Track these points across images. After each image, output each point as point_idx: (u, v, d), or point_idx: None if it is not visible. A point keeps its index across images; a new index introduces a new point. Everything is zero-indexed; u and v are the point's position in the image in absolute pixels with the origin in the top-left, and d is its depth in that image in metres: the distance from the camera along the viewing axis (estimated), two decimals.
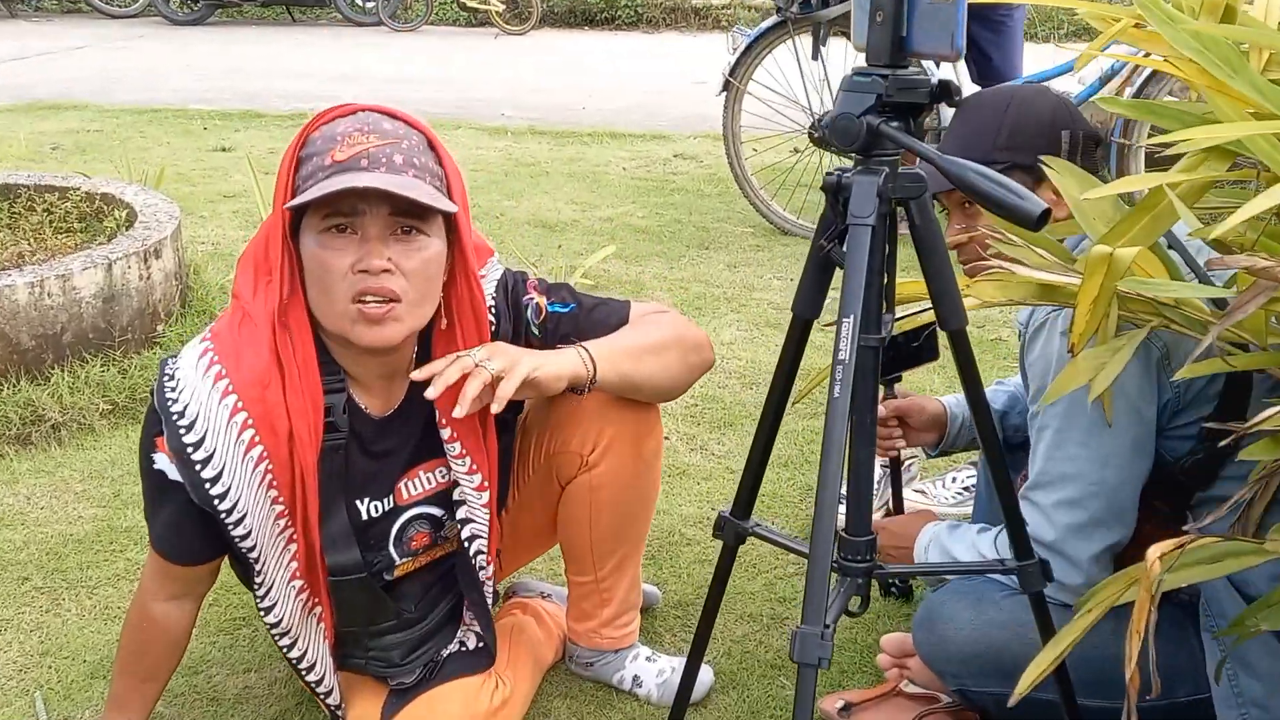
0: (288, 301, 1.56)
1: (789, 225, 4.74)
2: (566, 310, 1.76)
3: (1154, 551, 1.42)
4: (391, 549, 1.74)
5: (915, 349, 1.94)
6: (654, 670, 2.00)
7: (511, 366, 1.56)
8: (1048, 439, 1.69)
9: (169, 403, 1.57)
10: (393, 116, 1.56)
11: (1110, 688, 1.60)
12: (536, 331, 1.75)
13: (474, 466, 1.71)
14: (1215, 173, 1.50)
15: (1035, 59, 4.63)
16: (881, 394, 2.08)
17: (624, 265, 4.35)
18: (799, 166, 4.86)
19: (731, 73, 4.62)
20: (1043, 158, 1.64)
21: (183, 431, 1.55)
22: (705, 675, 1.99)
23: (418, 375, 1.58)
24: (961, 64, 4.51)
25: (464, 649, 1.85)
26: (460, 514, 1.75)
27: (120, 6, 12.84)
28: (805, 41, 4.49)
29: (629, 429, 1.80)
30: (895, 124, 1.35)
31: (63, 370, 2.90)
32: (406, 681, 1.81)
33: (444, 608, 1.86)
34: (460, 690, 1.79)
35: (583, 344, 1.68)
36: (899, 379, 2.09)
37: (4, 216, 3.48)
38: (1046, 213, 1.24)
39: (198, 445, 1.55)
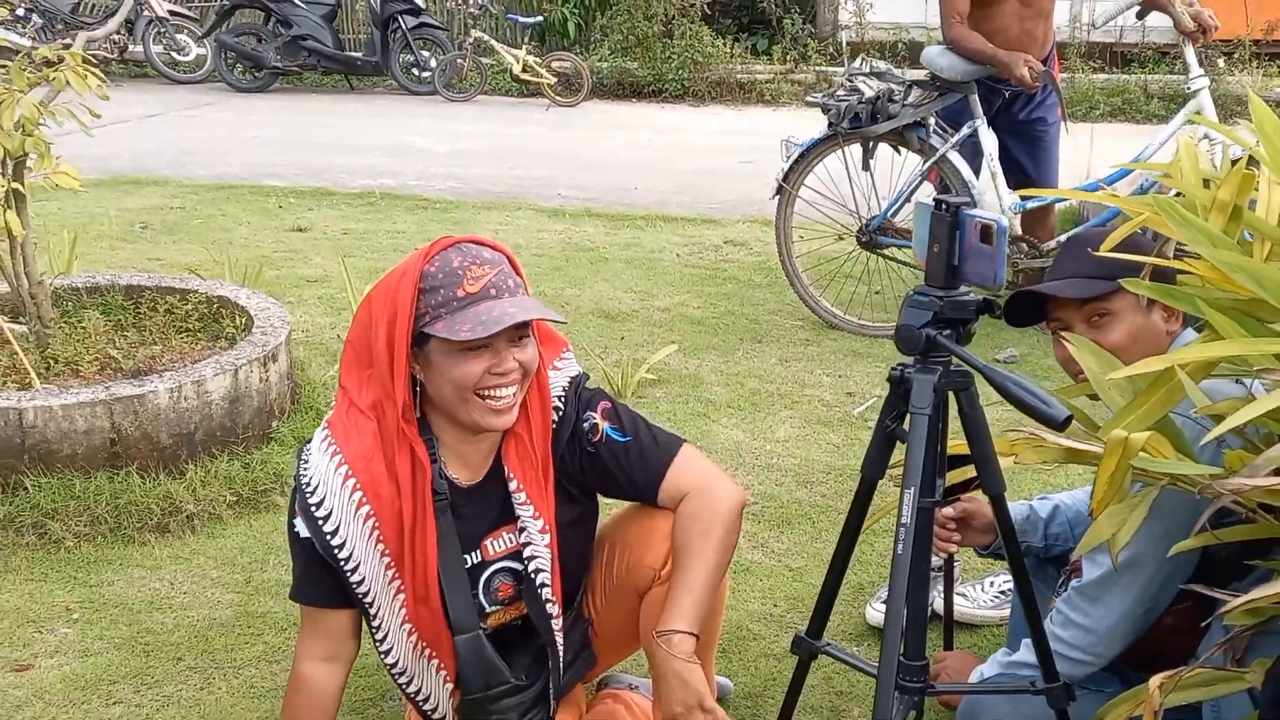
0: (407, 402, 1.95)
1: (836, 320, 5.07)
2: (621, 441, 2.09)
3: (1154, 681, 1.75)
4: (481, 597, 2.10)
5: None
6: None
7: (703, 715, 1.94)
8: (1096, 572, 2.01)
9: (301, 476, 1.99)
10: (482, 244, 1.98)
11: None
12: (590, 450, 2.09)
13: (537, 513, 2.08)
14: (1220, 355, 1.83)
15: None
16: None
17: (683, 359, 4.70)
18: (846, 263, 5.20)
19: (785, 178, 4.99)
20: (1063, 336, 1.98)
21: (310, 497, 1.97)
22: None
23: None
24: (1000, 176, 4.84)
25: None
26: (526, 552, 2.09)
27: (185, 72, 13.39)
28: (855, 151, 4.86)
29: None
30: (947, 333, 1.69)
31: (195, 465, 3.27)
32: None
33: (543, 675, 2.17)
34: None
35: (669, 628, 1.97)
36: (959, 499, 2.37)
37: (130, 317, 3.88)
38: (1069, 418, 1.57)
39: (319, 505, 1.97)
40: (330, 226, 6.83)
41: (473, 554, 2.08)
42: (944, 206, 1.67)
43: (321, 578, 2.02)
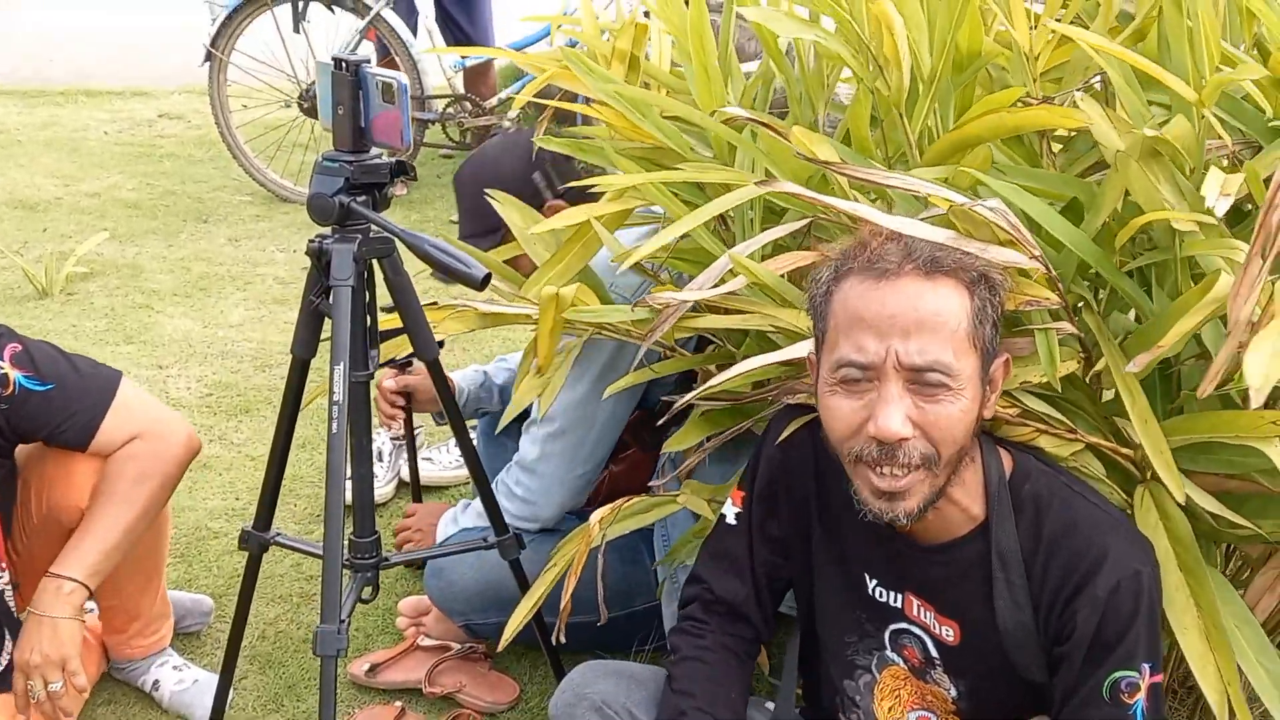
0: None
1: (287, 192, 4.84)
2: (40, 390, 1.79)
3: (594, 516, 1.83)
4: None
5: None
6: (175, 678, 2.16)
7: (60, 674, 1.76)
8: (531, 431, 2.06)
9: None
10: None
11: (582, 608, 1.99)
12: (3, 405, 1.77)
13: None
14: (632, 204, 1.90)
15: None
16: (392, 370, 2.35)
17: (119, 247, 4.29)
18: (292, 130, 4.95)
19: (213, 43, 4.62)
20: (488, 191, 1.98)
21: None
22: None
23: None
24: (437, 34, 4.80)
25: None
26: None
27: None
28: (285, 12, 4.58)
29: None
30: (363, 199, 1.62)
31: None
32: None
33: None
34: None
35: (61, 572, 1.78)
36: (410, 363, 2.33)
37: None
38: (488, 276, 1.56)
39: None
40: None
41: None
42: (344, 65, 1.57)
43: None
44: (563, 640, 1.90)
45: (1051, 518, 1.40)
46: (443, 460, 2.89)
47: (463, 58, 4.71)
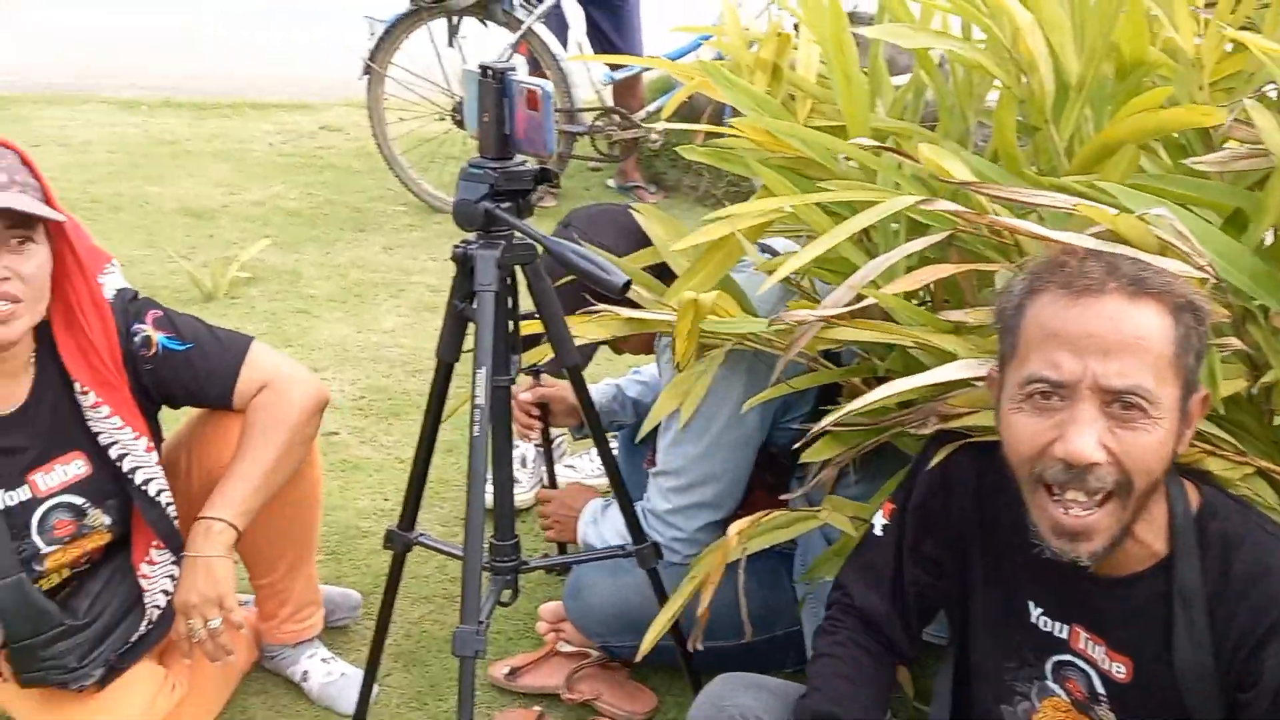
0: None
1: (439, 202, 4.96)
2: (180, 349, 1.92)
3: (733, 529, 1.82)
4: (35, 536, 1.87)
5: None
6: (323, 670, 2.23)
7: (219, 611, 1.86)
8: (669, 435, 2.04)
9: None
10: None
11: (722, 632, 1.98)
12: (148, 365, 1.90)
13: (136, 433, 1.89)
14: (773, 216, 1.88)
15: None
16: (530, 382, 2.38)
17: (280, 254, 4.45)
18: (446, 142, 5.07)
19: (371, 58, 4.76)
20: (633, 206, 1.99)
21: None
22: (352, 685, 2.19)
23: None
24: (588, 48, 4.85)
25: (151, 626, 1.99)
26: (140, 476, 1.90)
27: None
28: (440, 28, 4.70)
29: None
30: (506, 205, 1.63)
31: None
32: (86, 684, 1.93)
33: (115, 606, 1.97)
34: (138, 688, 1.97)
35: (210, 514, 1.88)
36: (542, 372, 2.35)
37: None
38: (628, 283, 1.56)
39: None
40: None
41: (17, 492, 1.85)
42: (490, 73, 1.59)
43: None
44: (699, 647, 1.89)
45: (1242, 558, 1.32)
46: (585, 468, 2.91)
47: (612, 70, 4.75)
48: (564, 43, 4.75)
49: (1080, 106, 1.69)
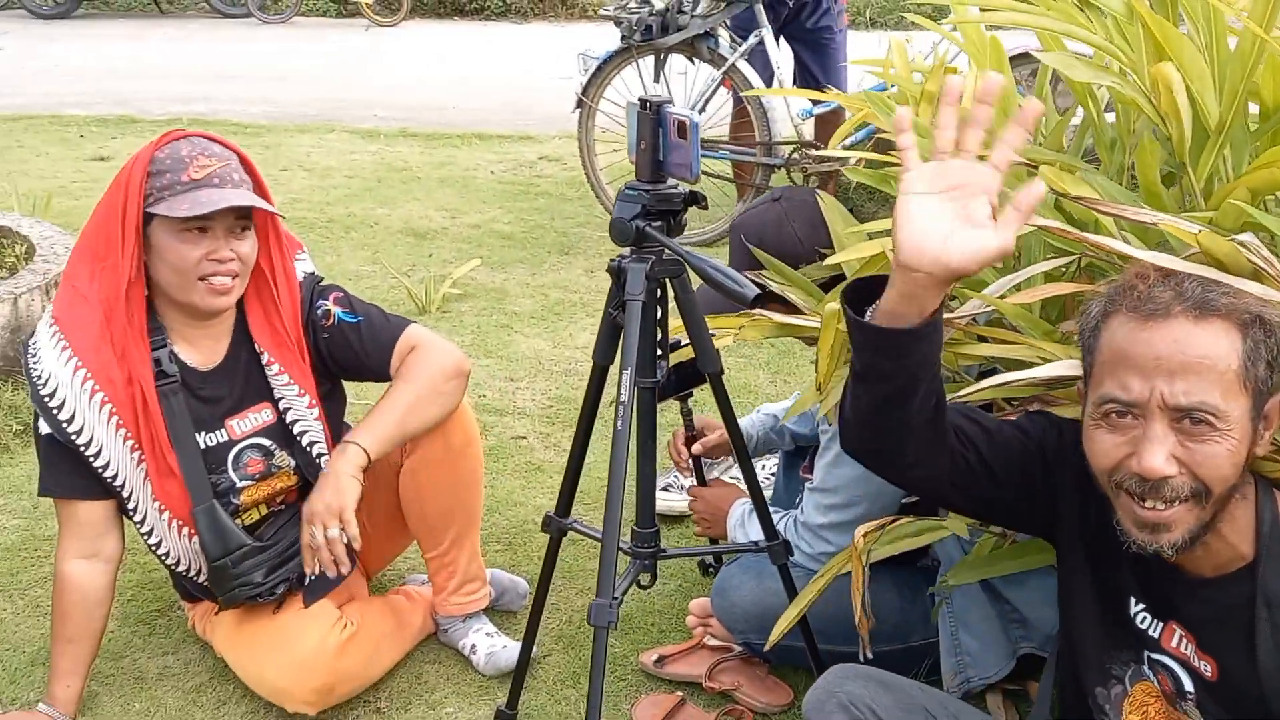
0: (134, 280, 2.04)
1: None
2: (352, 321, 2.23)
3: (859, 531, 1.93)
4: (231, 472, 2.19)
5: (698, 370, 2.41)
6: (488, 643, 2.45)
7: (338, 523, 2.07)
8: (829, 456, 2.18)
9: (32, 372, 2.06)
10: (214, 140, 2.08)
11: (849, 636, 2.09)
12: (325, 334, 2.22)
13: (302, 391, 2.21)
14: None
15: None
16: (684, 425, 2.55)
17: (489, 273, 4.78)
18: None
19: (584, 92, 5.06)
20: (820, 193, 2.13)
21: (42, 389, 2.04)
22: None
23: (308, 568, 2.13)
24: (789, 80, 5.01)
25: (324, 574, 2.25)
26: (306, 439, 2.22)
27: None
28: (649, 65, 4.96)
29: (436, 427, 2.25)
30: (658, 224, 1.82)
31: None
32: (272, 598, 2.23)
33: (295, 536, 2.23)
34: (313, 622, 2.24)
35: (351, 439, 2.13)
36: (691, 394, 2.53)
37: None
38: (759, 297, 1.72)
39: (52, 397, 2.04)
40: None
41: (216, 433, 2.17)
42: (648, 105, 1.78)
43: (67, 469, 2.10)
44: (869, 656, 1.98)
45: None
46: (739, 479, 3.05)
47: (812, 105, 4.89)
48: (767, 81, 4.93)
49: (1218, 149, 1.75)
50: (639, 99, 1.81)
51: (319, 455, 2.25)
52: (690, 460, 2.53)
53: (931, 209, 1.33)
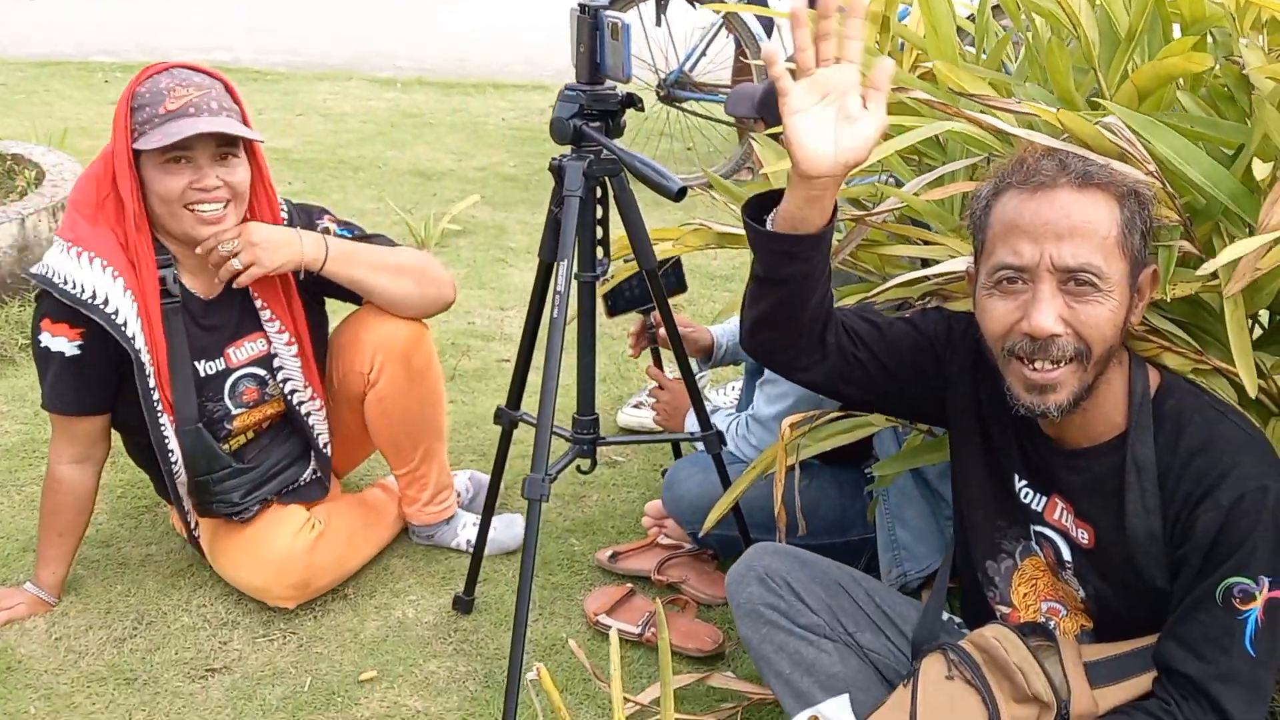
0: (137, 214, 2.11)
1: None
2: (349, 235, 2.34)
3: (785, 423, 2.04)
4: (227, 400, 2.29)
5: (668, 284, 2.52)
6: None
7: (253, 259, 2.15)
8: None
9: (53, 279, 2.09)
10: (198, 70, 2.14)
11: (793, 533, 2.20)
12: None
13: (283, 328, 2.30)
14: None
15: None
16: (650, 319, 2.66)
17: (490, 211, 4.89)
18: (649, 120, 5.39)
19: None
20: (753, 135, 2.23)
21: (71, 288, 2.07)
22: (516, 528, 2.58)
23: (200, 250, 2.17)
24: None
25: (298, 485, 2.41)
26: (280, 375, 2.32)
27: None
28: (650, 9, 5.03)
29: (397, 349, 2.36)
30: (595, 124, 1.92)
31: None
32: (246, 517, 2.35)
33: (277, 457, 2.39)
34: (283, 525, 2.36)
35: (328, 241, 2.23)
36: (653, 308, 2.62)
37: None
38: (683, 190, 1.82)
39: (73, 285, 2.08)
40: None
41: (215, 361, 2.27)
42: (586, 9, 1.89)
43: (75, 384, 2.19)
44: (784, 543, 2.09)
45: (1190, 433, 1.48)
46: (719, 400, 3.16)
47: None
48: (767, 26, 4.99)
49: (1129, 55, 1.83)
50: (578, 4, 1.91)
51: (292, 392, 2.34)
52: (652, 367, 2.64)
53: (816, 120, 1.43)
